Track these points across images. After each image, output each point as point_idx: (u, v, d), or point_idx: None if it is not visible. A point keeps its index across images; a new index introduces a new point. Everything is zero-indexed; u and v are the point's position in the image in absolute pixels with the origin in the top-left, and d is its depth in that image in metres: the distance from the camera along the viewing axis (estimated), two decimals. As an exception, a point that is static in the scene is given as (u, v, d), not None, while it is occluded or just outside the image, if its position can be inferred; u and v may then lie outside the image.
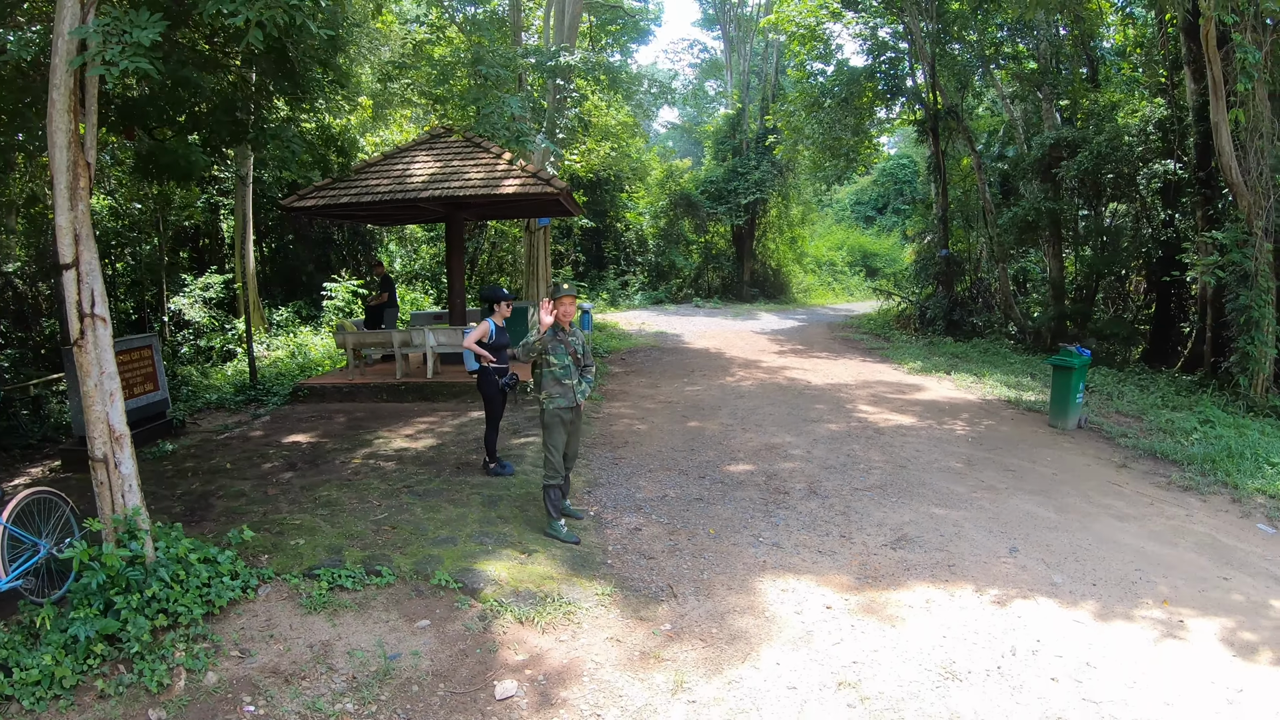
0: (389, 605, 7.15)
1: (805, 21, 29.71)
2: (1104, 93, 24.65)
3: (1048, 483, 11.19)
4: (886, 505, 10.04)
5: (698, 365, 21.36)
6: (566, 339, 8.84)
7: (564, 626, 6.92)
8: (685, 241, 45.11)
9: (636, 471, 11.44)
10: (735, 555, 8.40)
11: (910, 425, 14.45)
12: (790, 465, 11.70)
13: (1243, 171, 16.04)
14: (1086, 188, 23.82)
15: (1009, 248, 26.65)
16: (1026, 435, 14.00)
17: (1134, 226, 24.17)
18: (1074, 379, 14.30)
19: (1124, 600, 7.53)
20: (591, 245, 42.45)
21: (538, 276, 24.16)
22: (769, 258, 46.14)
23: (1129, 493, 10.92)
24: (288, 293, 28.82)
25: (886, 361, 22.36)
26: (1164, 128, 21.72)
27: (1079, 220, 25.56)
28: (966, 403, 16.65)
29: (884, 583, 7.79)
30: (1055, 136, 23.67)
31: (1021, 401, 16.60)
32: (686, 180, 44.62)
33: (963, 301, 28.69)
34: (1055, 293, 25.51)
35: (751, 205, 42.89)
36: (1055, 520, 9.65)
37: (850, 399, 16.69)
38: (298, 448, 12.52)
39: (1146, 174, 21.84)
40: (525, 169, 16.18)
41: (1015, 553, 8.59)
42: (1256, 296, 15.53)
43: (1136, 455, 12.87)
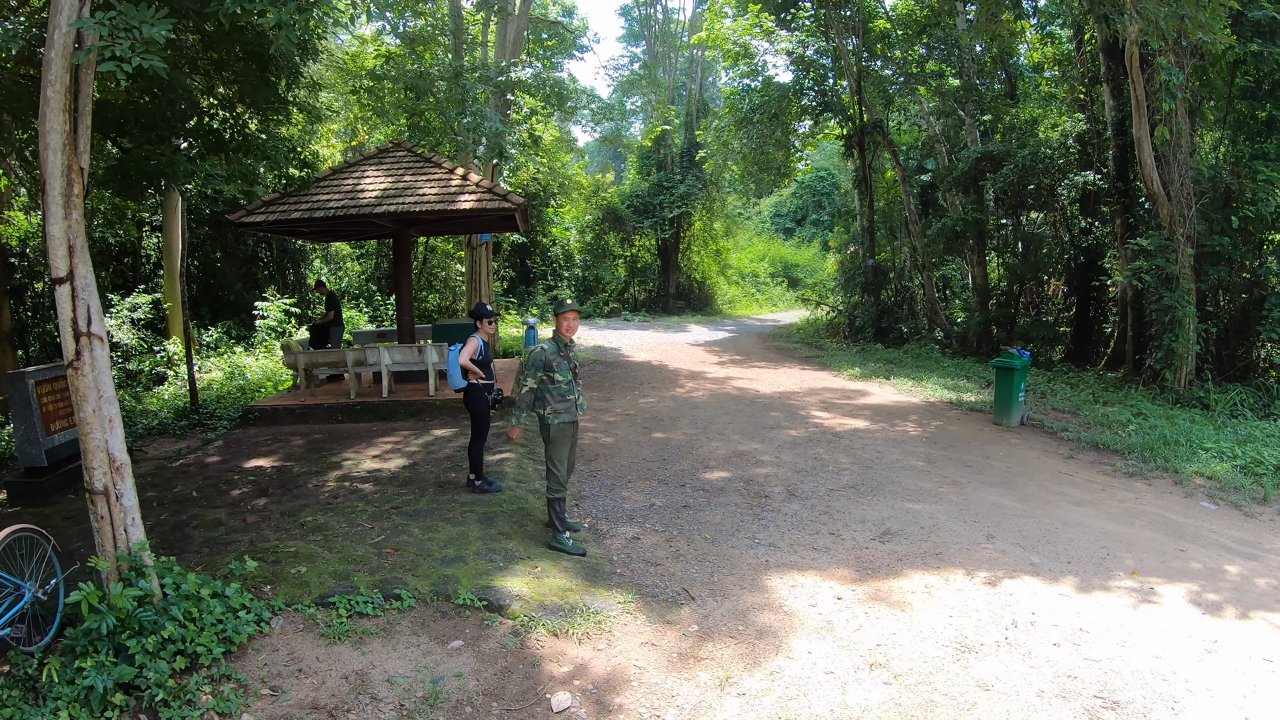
0: (416, 628, 7.00)
1: (739, 39, 30.27)
2: (1023, 108, 25.56)
3: (1005, 475, 11.84)
4: (863, 503, 10.52)
5: (644, 378, 21.75)
6: (568, 354, 8.96)
7: (598, 636, 6.99)
8: (611, 256, 45.46)
9: (617, 483, 11.69)
10: (737, 557, 8.72)
11: (865, 429, 15.00)
12: (764, 470, 12.09)
13: (1164, 183, 16.88)
14: (1009, 198, 24.70)
15: (934, 256, 27.45)
16: (975, 433, 14.66)
17: (1054, 234, 25.07)
18: (1016, 379, 15.07)
19: (1098, 574, 8.20)
20: (519, 260, 42.43)
21: (480, 292, 24.23)
22: (694, 270, 46.79)
23: (1080, 481, 11.68)
24: (214, 313, 28.25)
25: (825, 369, 23.04)
26: (1083, 141, 22.67)
27: (1002, 229, 26.37)
28: (912, 405, 17.30)
29: (882, 573, 8.23)
30: (980, 151, 24.48)
31: (963, 402, 17.32)
32: (611, 194, 44.92)
33: (889, 309, 29.52)
34: (980, 299, 26.32)
35: (677, 219, 43.53)
36: (1021, 509, 10.29)
37: (802, 406, 17.20)
38: (263, 472, 12.08)
39: (1067, 185, 22.67)
40: (480, 184, 16.26)
41: (992, 539, 9.17)
42: (1179, 297, 16.45)
43: (1080, 447, 13.70)
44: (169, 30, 5.77)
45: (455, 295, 34.91)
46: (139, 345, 23.01)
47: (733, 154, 33.75)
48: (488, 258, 24.69)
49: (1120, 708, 5.76)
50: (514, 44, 24.15)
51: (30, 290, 23.42)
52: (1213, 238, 16.91)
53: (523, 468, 12.11)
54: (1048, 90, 26.72)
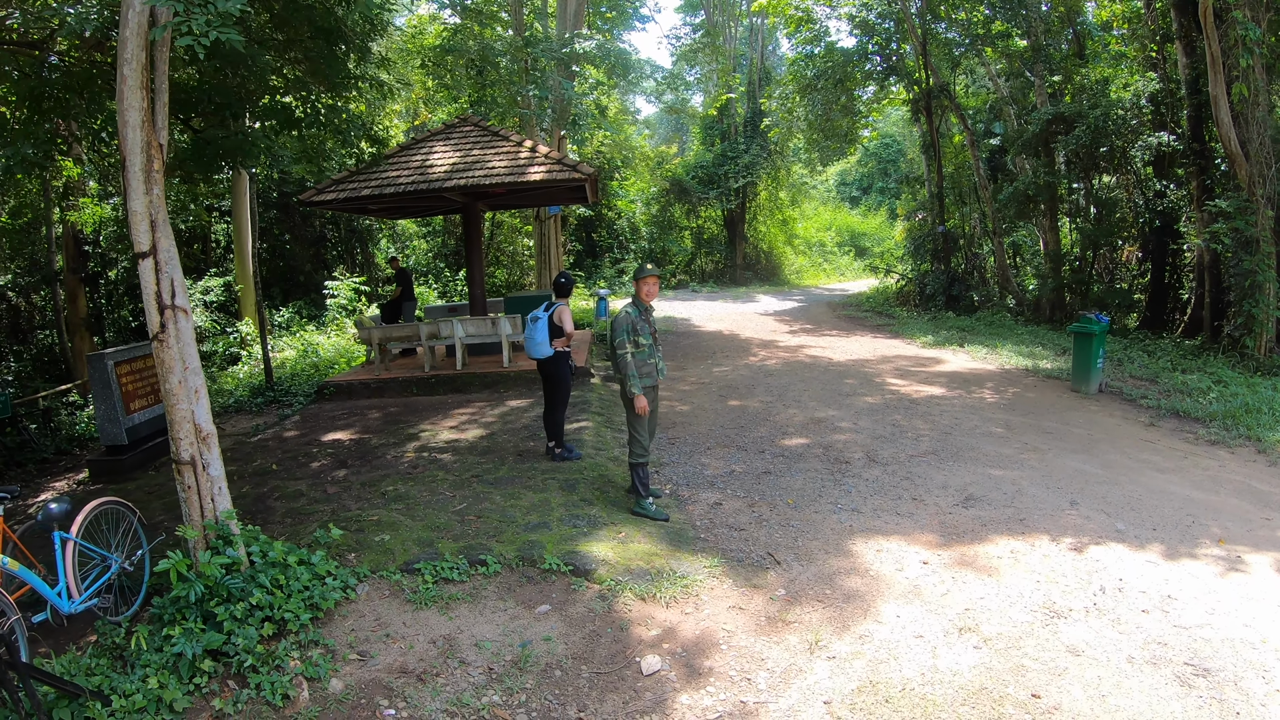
0: (502, 594, 7.09)
1: (800, 4, 29.88)
2: (1093, 68, 24.96)
3: (1086, 442, 11.59)
4: (944, 469, 10.40)
5: (716, 347, 21.74)
6: (650, 319, 8.98)
7: (684, 600, 7.00)
8: (677, 227, 45.42)
9: (696, 450, 11.68)
10: (820, 522, 8.68)
11: (941, 395, 14.86)
12: (842, 437, 12.01)
13: (1241, 142, 16.44)
14: (1081, 161, 24.19)
15: (1005, 222, 27.03)
16: (1053, 400, 14.43)
17: (1127, 198, 24.58)
18: (1094, 344, 14.75)
19: (1184, 542, 7.98)
20: (585, 234, 42.56)
21: (550, 265, 24.28)
22: (761, 240, 46.57)
23: (1163, 448, 11.38)
24: (286, 293, 28.75)
25: (898, 337, 22.91)
26: (1156, 101, 22.13)
27: (1073, 193, 25.91)
28: (988, 373, 17.09)
29: (967, 538, 8.13)
30: (1052, 112, 23.96)
31: (1039, 369, 17.05)
32: (676, 165, 44.81)
33: (960, 276, 29.13)
34: (1053, 264, 25.91)
35: (742, 189, 43.32)
36: (1103, 475, 10.06)
37: (877, 373, 17.07)
38: (341, 445, 12.38)
39: (1140, 146, 22.20)
40: (549, 155, 16.24)
41: (1076, 505, 8.99)
42: (1260, 261, 16.03)
43: (1161, 415, 13.35)
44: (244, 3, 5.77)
45: (523, 270, 35.09)
46: (212, 327, 23.49)
47: (798, 122, 33.46)
48: (557, 231, 24.71)
49: (1211, 675, 5.66)
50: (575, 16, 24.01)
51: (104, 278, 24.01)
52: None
53: (601, 435, 12.16)
54: (1117, 49, 26.04)
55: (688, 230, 45.92)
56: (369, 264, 31.77)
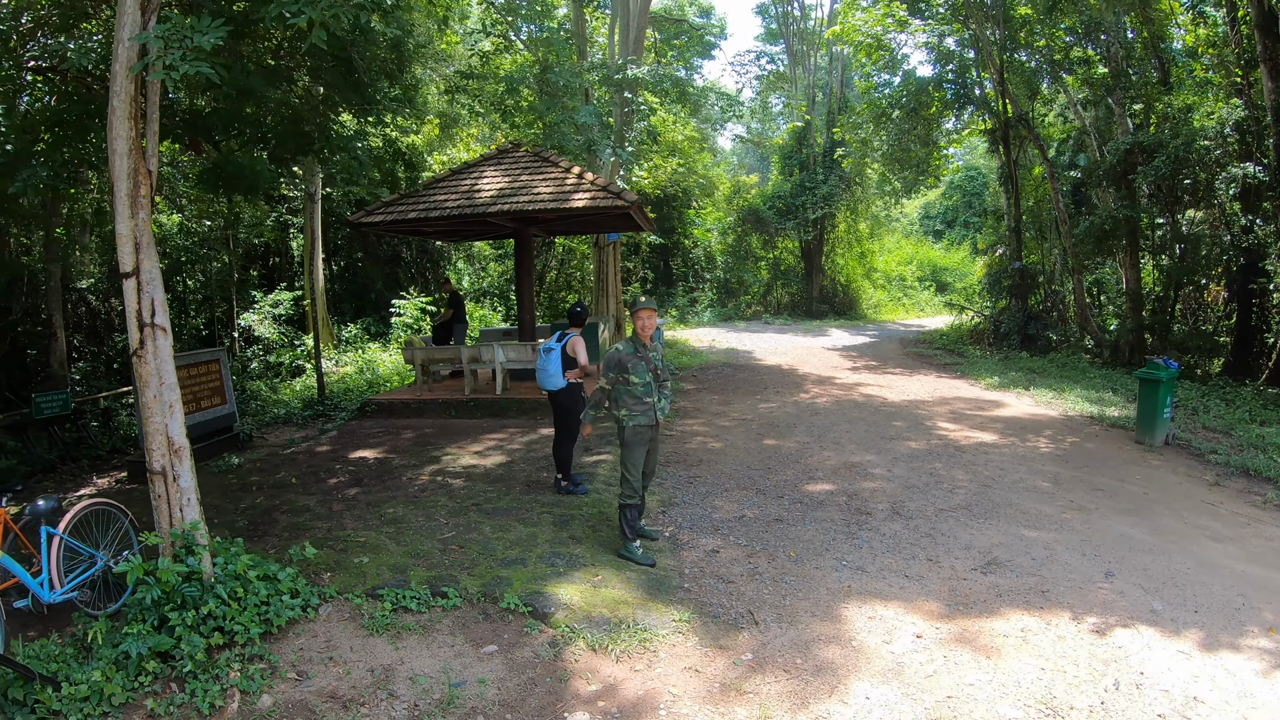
0: (455, 629, 7.00)
1: (871, 31, 29.26)
2: (1176, 95, 23.91)
3: (1139, 502, 10.67)
4: (973, 527, 9.62)
5: (771, 382, 21.02)
6: (647, 354, 8.55)
7: (640, 655, 6.63)
8: (753, 258, 44.93)
9: (713, 491, 11.12)
10: (818, 579, 8.05)
11: (992, 443, 13.99)
12: (872, 485, 11.31)
13: None
14: (1163, 194, 23.04)
15: (1084, 258, 25.97)
16: (1113, 452, 13.48)
17: (1212, 233, 23.40)
18: (1161, 392, 13.74)
19: (1228, 628, 7.03)
20: (660, 262, 42.47)
21: (607, 293, 24.06)
22: (838, 273, 45.82)
23: (1224, 512, 10.37)
24: (357, 310, 29.22)
25: (963, 377, 21.91)
26: (1241, 129, 20.92)
27: (1156, 228, 24.75)
28: (1049, 419, 16.14)
29: (976, 610, 7.37)
30: (1130, 142, 22.96)
31: (1105, 417, 16.03)
32: (753, 195, 44.41)
33: (1037, 315, 28.07)
34: (1133, 304, 24.71)
35: (819, 220, 42.66)
36: (1150, 542, 9.13)
37: (929, 416, 16.27)
38: (364, 463, 12.54)
39: (1225, 178, 21.09)
40: (595, 182, 16.02)
41: (1111, 577, 8.11)
42: None
43: (1229, 473, 12.27)
44: (220, 39, 6.17)
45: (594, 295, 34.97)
46: (279, 339, 23.84)
47: (872, 151, 32.75)
48: (615, 258, 24.49)
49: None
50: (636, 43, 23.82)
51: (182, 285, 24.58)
52: None
53: (616, 471, 11.60)
54: (1203, 76, 24.82)
55: (764, 261, 45.32)
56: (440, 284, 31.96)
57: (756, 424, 15.58)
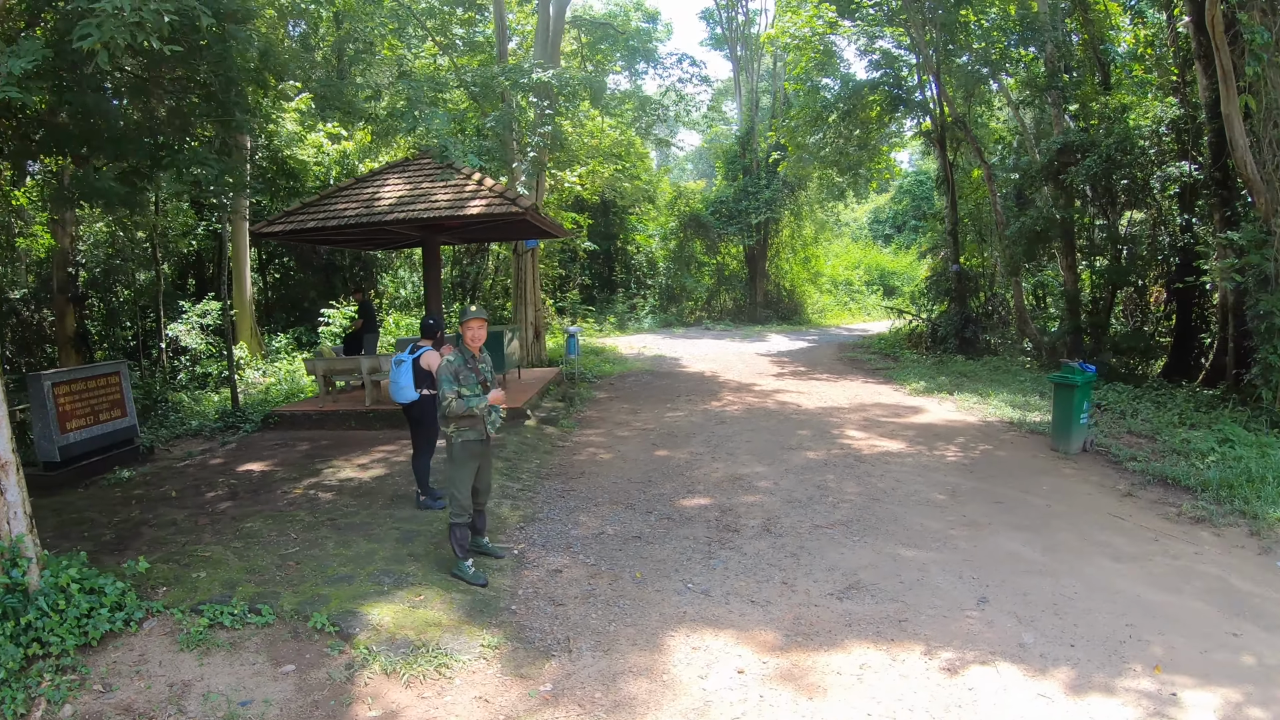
0: (262, 647, 6.74)
1: (800, 33, 28.85)
2: (1114, 95, 23.63)
3: (1040, 516, 10.12)
4: (846, 545, 8.98)
5: (688, 389, 20.40)
6: (476, 366, 8.12)
7: (433, 681, 6.28)
8: (696, 263, 44.61)
9: (582, 505, 10.54)
10: (655, 603, 7.47)
11: (898, 451, 13.44)
12: (752, 499, 10.71)
13: (1259, 165, 14.95)
14: (1099, 194, 22.69)
15: (1020, 260, 25.56)
16: (1025, 461, 12.97)
17: (1151, 233, 23.08)
18: (1077, 397, 13.23)
19: (1106, 666, 6.38)
20: (602, 268, 41.92)
21: (526, 300, 23.50)
22: (782, 278, 45.54)
23: (1131, 527, 9.83)
24: (292, 319, 28.74)
25: (889, 382, 21.43)
26: (1177, 128, 20.61)
27: (1094, 229, 24.44)
28: (965, 426, 15.62)
29: (816, 642, 6.73)
30: (1062, 141, 22.58)
31: (1025, 423, 15.53)
32: (696, 201, 44.07)
33: (977, 318, 27.72)
34: (1070, 306, 24.33)
35: (763, 225, 42.35)
36: (1041, 563, 8.54)
37: (840, 424, 15.69)
38: (248, 476, 12.18)
39: (1160, 177, 20.75)
40: (493, 189, 15.52)
41: (984, 604, 7.48)
42: (1278, 301, 14.41)
43: (1145, 482, 11.75)
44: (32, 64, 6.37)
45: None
46: (208, 349, 23.51)
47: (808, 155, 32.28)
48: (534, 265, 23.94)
49: None
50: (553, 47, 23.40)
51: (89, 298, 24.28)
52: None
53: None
54: (1142, 77, 24.62)
55: (708, 267, 44.93)
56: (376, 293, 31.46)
57: (656, 434, 15.03)
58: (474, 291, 33.03)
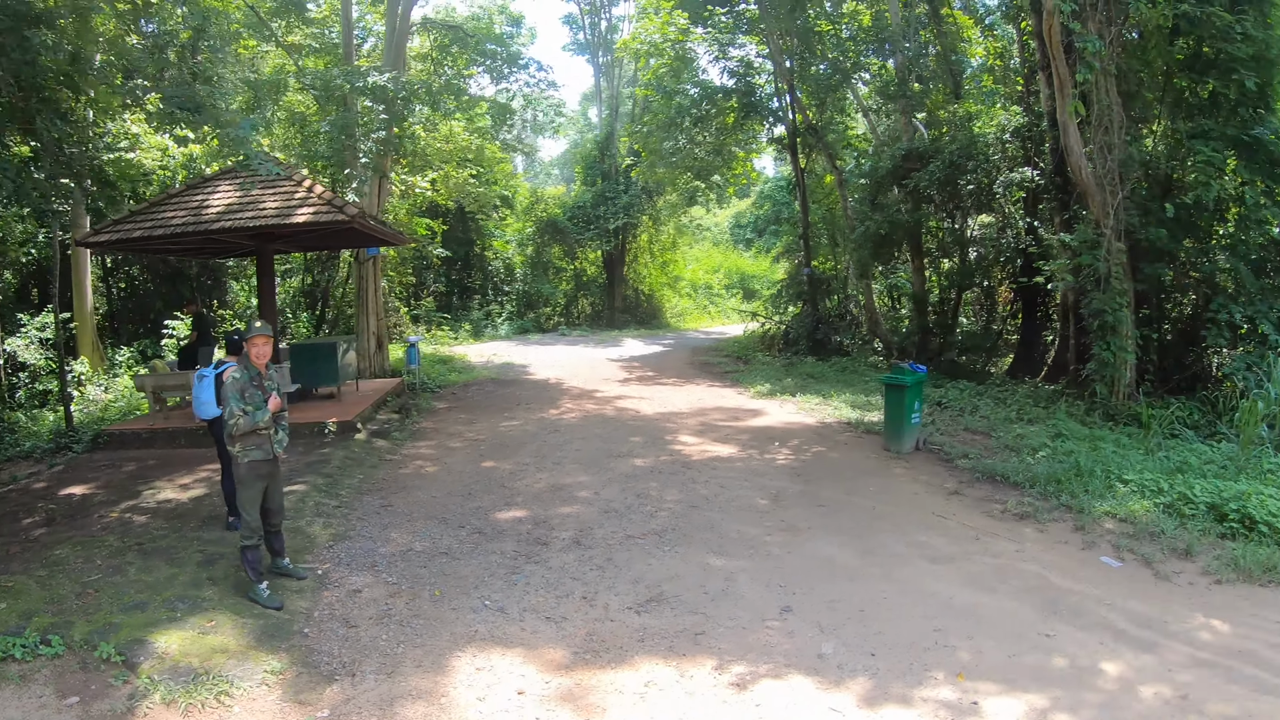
0: (51, 679, 6.36)
1: (652, 39, 28.95)
2: (963, 104, 24.32)
3: (862, 519, 10.17)
4: (655, 556, 8.89)
5: (528, 398, 20.08)
6: (262, 383, 7.86)
7: (212, 710, 6.04)
8: (554, 269, 44.38)
9: (397, 521, 10.24)
10: (449, 622, 7.27)
11: (728, 456, 13.43)
12: (569, 510, 10.56)
13: (1092, 170, 15.55)
14: (945, 199, 23.30)
15: (868, 263, 26.05)
16: (857, 462, 13.10)
17: (998, 236, 23.76)
18: (908, 397, 13.49)
19: (906, 675, 6.33)
20: (459, 275, 41.29)
21: (368, 309, 22.99)
22: (641, 283, 45.63)
23: (954, 526, 9.94)
24: (140, 331, 27.63)
25: (735, 385, 21.53)
26: (1021, 135, 21.31)
27: (942, 232, 25.11)
28: (802, 428, 15.75)
29: (605, 659, 6.59)
30: (907, 147, 23.23)
31: (862, 424, 15.72)
32: (554, 206, 43.81)
33: (829, 320, 28.18)
34: (918, 307, 25.00)
35: (620, 230, 42.29)
36: (854, 567, 8.53)
37: (675, 429, 15.66)
38: (69, 500, 11.51)
39: (1004, 182, 21.39)
40: (321, 196, 15.21)
41: (787, 614, 7.42)
42: (1110, 300, 14.91)
43: (974, 479, 11.97)
44: None
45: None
46: (47, 365, 22.45)
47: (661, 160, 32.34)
48: (376, 273, 23.47)
49: None
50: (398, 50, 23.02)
51: None
52: (1148, 230, 15.45)
53: (305, 503, 10.70)
54: (990, 87, 25.64)
55: (566, 272, 44.75)
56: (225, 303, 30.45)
57: (487, 444, 14.78)
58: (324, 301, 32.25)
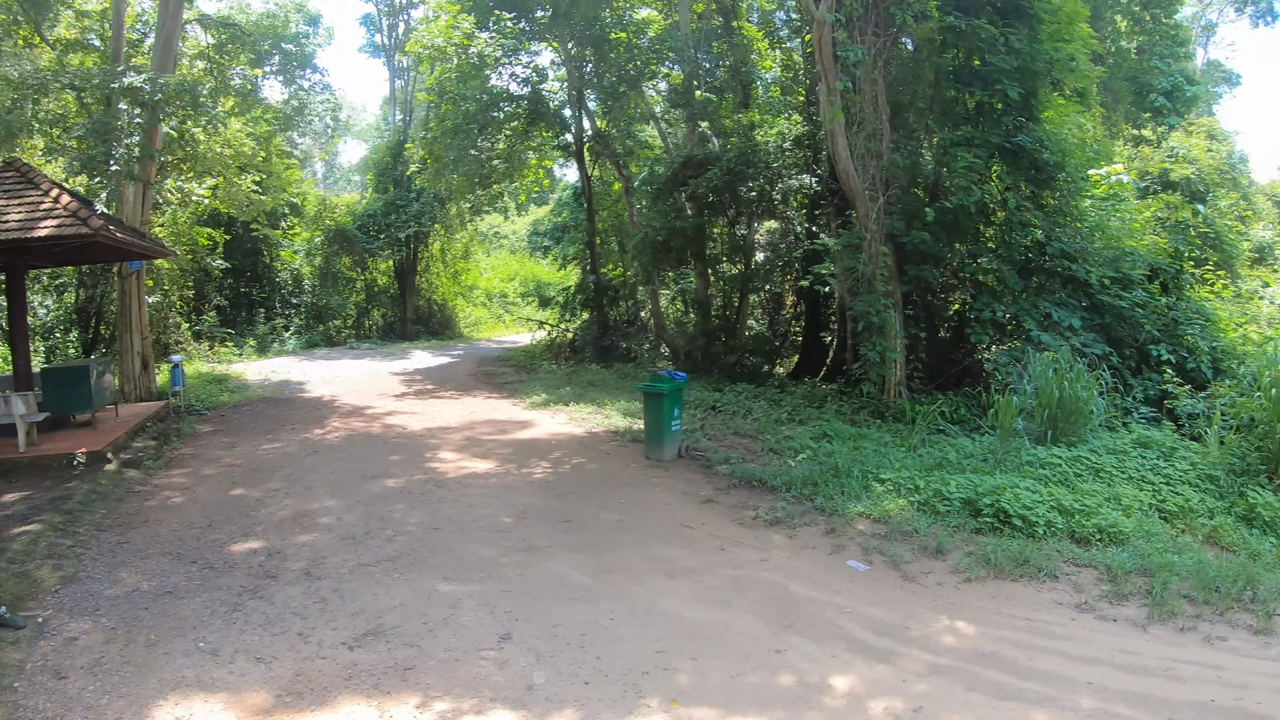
0: None
1: (436, 42, 28.65)
2: (747, 113, 24.93)
3: (606, 534, 10.19)
4: (385, 584, 8.71)
5: (298, 417, 19.38)
6: None
7: None
8: (345, 280, 43.19)
9: (130, 559, 9.71)
10: (159, 669, 6.94)
11: (484, 472, 13.40)
12: (308, 538, 10.25)
13: (859, 177, 16.18)
14: (725, 205, 23.77)
15: (649, 269, 26.37)
16: (616, 472, 13.26)
17: (781, 241, 24.41)
18: (666, 405, 13.68)
19: (618, 704, 6.27)
20: (248, 288, 39.72)
21: (131, 327, 21.96)
22: (434, 293, 45.08)
23: (701, 536, 10.05)
24: None
25: (512, 396, 21.47)
26: (801, 144, 22.14)
27: (727, 238, 25.55)
28: (569, 438, 15.88)
29: (307, 700, 6.40)
30: (685, 155, 23.64)
31: (630, 432, 15.92)
32: (343, 214, 42.77)
33: (615, 326, 28.51)
34: (701, 311, 25.50)
35: (412, 239, 41.62)
36: (586, 587, 8.52)
37: (439, 445, 15.52)
38: None
39: (783, 189, 22.07)
40: (68, 207, 14.43)
41: (506, 641, 7.32)
42: (875, 301, 15.61)
43: (732, 485, 12.18)
44: None
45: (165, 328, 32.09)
46: None
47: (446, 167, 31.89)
48: (140, 289, 22.45)
49: None
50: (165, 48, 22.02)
51: None
52: (912, 234, 16.15)
53: (37, 544, 9.95)
54: (775, 97, 26.53)
55: (358, 283, 43.62)
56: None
57: (242, 470, 14.20)
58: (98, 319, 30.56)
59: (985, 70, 16.08)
